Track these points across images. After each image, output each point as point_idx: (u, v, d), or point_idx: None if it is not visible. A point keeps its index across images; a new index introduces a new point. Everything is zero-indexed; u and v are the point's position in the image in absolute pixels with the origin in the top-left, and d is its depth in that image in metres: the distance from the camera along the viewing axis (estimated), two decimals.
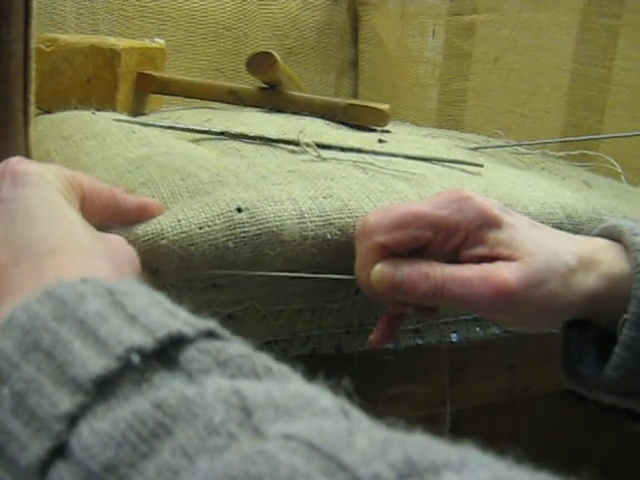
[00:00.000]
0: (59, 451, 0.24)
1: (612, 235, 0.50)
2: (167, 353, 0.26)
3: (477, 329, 0.60)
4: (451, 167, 0.65)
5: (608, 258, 0.48)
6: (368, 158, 0.60)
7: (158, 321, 0.27)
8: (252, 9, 1.20)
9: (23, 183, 0.39)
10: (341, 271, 0.51)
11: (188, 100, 0.89)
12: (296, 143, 0.62)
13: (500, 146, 0.84)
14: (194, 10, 1.15)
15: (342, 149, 0.62)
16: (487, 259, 0.46)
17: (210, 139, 0.65)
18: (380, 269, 0.46)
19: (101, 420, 0.24)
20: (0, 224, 0.36)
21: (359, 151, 0.62)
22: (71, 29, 1.09)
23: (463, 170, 0.65)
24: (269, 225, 0.47)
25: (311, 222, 0.49)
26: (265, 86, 0.84)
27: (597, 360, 0.50)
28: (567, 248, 0.47)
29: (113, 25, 1.11)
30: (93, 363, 0.25)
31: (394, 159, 0.62)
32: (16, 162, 0.40)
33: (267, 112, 0.82)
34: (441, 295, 0.46)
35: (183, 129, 0.65)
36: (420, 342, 0.57)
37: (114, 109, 0.78)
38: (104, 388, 0.25)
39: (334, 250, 0.50)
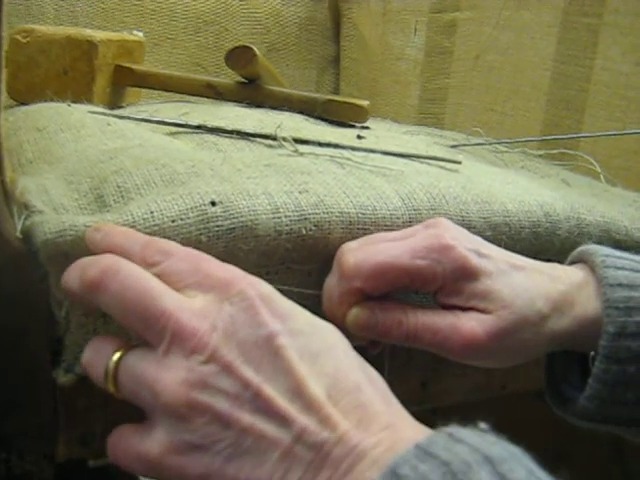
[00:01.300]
0: None
1: (587, 262, 0.52)
2: None
3: None
4: (429, 164, 0.64)
5: (581, 298, 0.50)
6: (346, 153, 0.60)
7: None
8: (233, 4, 1.19)
9: (281, 310, 0.38)
10: (315, 266, 0.51)
11: (166, 94, 0.88)
12: (273, 138, 0.61)
13: (479, 144, 0.83)
14: (174, 3, 1.15)
15: (320, 144, 0.61)
16: (462, 309, 0.48)
17: (187, 133, 0.64)
18: (355, 314, 0.48)
19: None
20: (294, 357, 0.36)
21: (337, 146, 0.61)
22: (50, 21, 1.08)
23: (441, 167, 0.64)
24: (243, 219, 0.46)
25: (286, 217, 0.48)
26: (244, 80, 0.84)
27: (581, 380, 0.52)
28: (542, 292, 0.49)
29: (92, 18, 1.10)
30: None
31: (372, 155, 0.61)
32: (256, 284, 0.39)
33: (246, 107, 0.81)
34: (413, 341, 0.48)
35: (159, 122, 0.64)
36: None
37: (91, 102, 0.77)
38: None
39: (309, 245, 0.49)
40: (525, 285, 0.49)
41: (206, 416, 0.36)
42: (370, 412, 0.36)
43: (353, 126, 0.81)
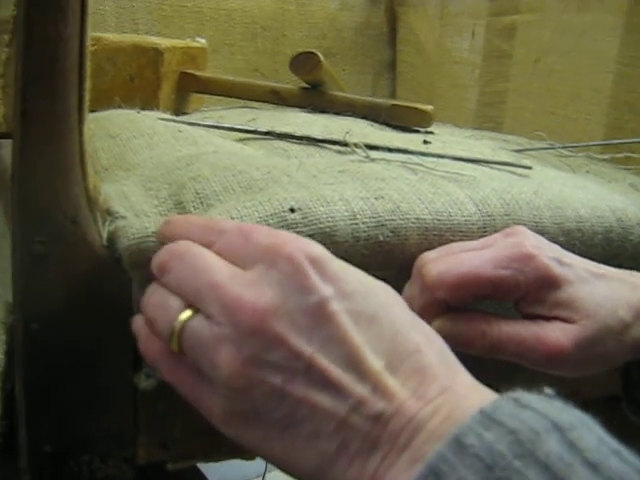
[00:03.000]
0: None
1: None
2: None
3: None
4: (499, 169, 0.64)
5: None
6: (416, 159, 0.60)
7: (626, 476, 0.27)
8: (291, 9, 1.20)
9: (332, 273, 0.37)
10: (390, 273, 0.50)
11: (227, 100, 0.89)
12: (343, 143, 0.61)
13: (545, 148, 0.83)
14: (232, 10, 1.15)
15: (389, 150, 0.61)
16: (545, 318, 0.48)
17: (256, 139, 0.65)
18: (438, 325, 0.47)
19: None
20: (347, 324, 0.35)
21: (406, 152, 0.61)
22: (111, 28, 1.10)
23: (512, 172, 0.64)
24: (322, 226, 0.47)
25: (363, 223, 0.48)
26: (307, 86, 0.84)
27: None
28: (624, 299, 0.48)
29: (152, 25, 1.11)
30: None
31: (442, 160, 0.61)
32: (299, 245, 0.37)
33: (310, 112, 0.81)
34: (497, 352, 0.48)
35: (229, 129, 0.65)
36: None
37: (157, 108, 0.78)
38: None
39: (385, 252, 0.49)
40: (607, 293, 0.48)
41: (261, 389, 0.35)
42: (429, 375, 0.35)
43: (417, 131, 0.81)
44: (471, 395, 0.34)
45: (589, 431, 0.30)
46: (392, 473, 0.33)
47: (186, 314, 0.38)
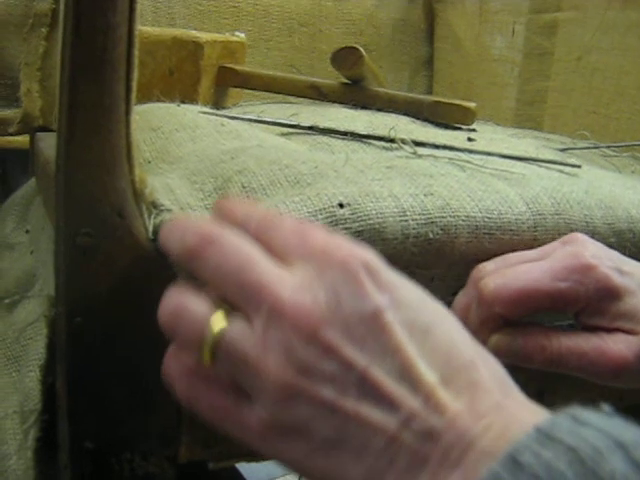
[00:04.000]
0: None
1: None
2: None
3: None
4: (548, 167, 0.62)
5: None
6: (464, 156, 0.58)
7: None
8: (328, 5, 1.19)
9: (386, 282, 0.35)
10: (438, 272, 0.49)
11: (266, 95, 0.88)
12: (388, 139, 0.60)
13: (590, 147, 0.81)
14: (270, 5, 1.14)
15: (436, 146, 0.60)
16: (606, 330, 0.46)
17: (298, 134, 0.64)
18: (496, 340, 0.47)
19: None
20: (403, 335, 0.34)
21: (453, 149, 0.60)
22: (148, 22, 1.09)
23: (560, 171, 0.62)
24: (371, 222, 0.45)
25: (413, 220, 0.47)
26: (348, 82, 0.83)
27: None
28: None
29: (189, 19, 1.11)
30: None
31: (490, 158, 0.60)
32: (352, 251, 0.36)
33: (351, 108, 0.80)
34: (557, 366, 0.46)
35: (272, 123, 0.64)
36: None
37: (196, 102, 0.77)
38: None
39: (435, 250, 0.48)
40: None
41: (310, 401, 0.33)
42: (482, 390, 0.33)
43: (459, 128, 0.79)
44: (525, 412, 0.33)
45: None
46: None
47: (221, 320, 0.36)
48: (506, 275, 0.46)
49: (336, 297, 0.34)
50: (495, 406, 0.33)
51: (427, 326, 0.35)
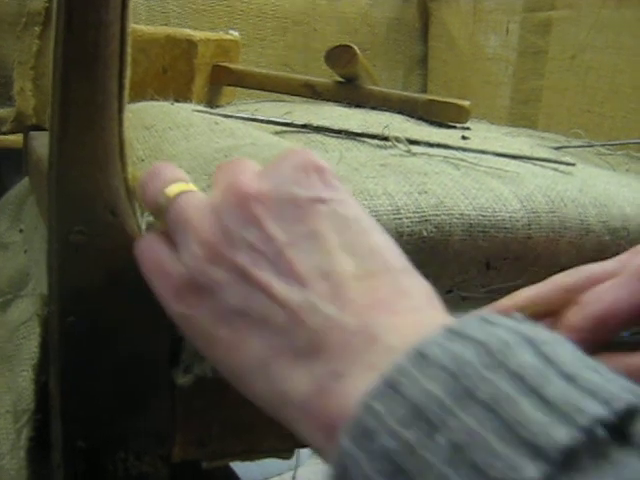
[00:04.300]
0: None
1: None
2: (619, 426, 0.25)
3: None
4: (542, 165, 0.62)
5: None
6: (458, 154, 0.58)
7: (605, 387, 0.26)
8: (322, 4, 1.19)
9: (333, 183, 0.37)
10: (432, 269, 0.49)
11: (260, 93, 0.88)
12: (382, 137, 0.60)
13: (584, 146, 0.81)
14: (264, 4, 1.14)
15: (430, 145, 0.60)
16: None
17: (292, 132, 0.64)
18: None
19: None
20: (330, 227, 0.35)
21: (447, 147, 0.60)
22: (141, 22, 1.09)
23: (554, 169, 0.62)
24: None
25: (407, 218, 0.47)
26: (342, 80, 0.83)
27: None
28: None
29: (183, 18, 1.11)
30: (556, 431, 0.24)
31: (484, 156, 0.59)
32: (312, 157, 0.37)
33: (345, 106, 0.80)
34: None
35: (265, 121, 0.64)
36: None
37: (190, 100, 0.77)
38: (567, 460, 0.24)
39: (429, 247, 0.48)
40: None
41: (224, 263, 0.35)
42: (399, 294, 0.33)
43: (453, 127, 0.79)
44: (443, 320, 0.32)
45: (563, 347, 0.28)
46: (341, 384, 0.30)
47: (180, 188, 0.39)
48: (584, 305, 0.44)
49: (280, 181, 0.36)
50: (411, 309, 0.32)
51: (358, 228, 0.35)
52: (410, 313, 0.32)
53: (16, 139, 0.86)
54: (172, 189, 0.39)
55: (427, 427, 0.25)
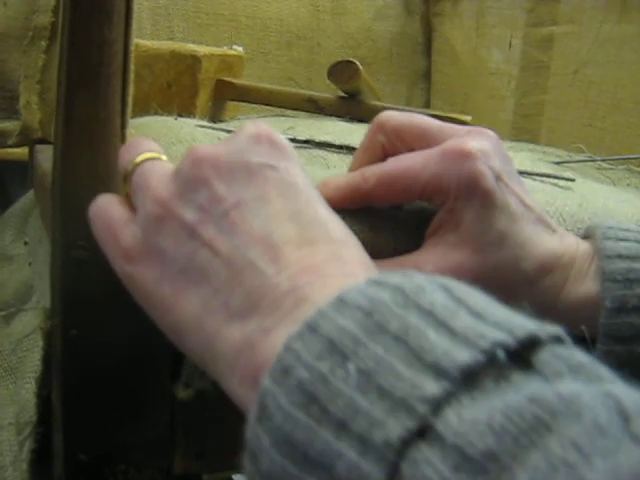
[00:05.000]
0: (420, 433, 0.24)
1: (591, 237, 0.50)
2: (521, 353, 0.26)
3: None
4: (542, 181, 0.62)
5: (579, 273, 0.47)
6: None
7: (510, 320, 0.27)
8: (326, 18, 1.19)
9: (286, 154, 0.38)
10: None
11: (263, 108, 0.88)
12: None
13: (585, 160, 0.81)
14: (268, 18, 1.15)
15: None
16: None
17: (294, 147, 0.64)
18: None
19: (468, 409, 0.24)
20: (277, 193, 0.36)
21: None
22: (147, 36, 1.10)
23: (554, 184, 0.62)
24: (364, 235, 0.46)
25: None
26: (345, 95, 0.83)
27: None
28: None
29: (187, 33, 1.12)
30: (457, 353, 0.25)
31: None
32: (267, 128, 0.39)
33: (348, 121, 0.80)
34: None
35: None
36: None
37: (193, 115, 0.78)
38: (468, 379, 0.25)
39: None
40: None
41: (175, 222, 0.36)
42: (336, 259, 0.34)
43: None
44: None
45: (477, 293, 0.29)
46: (268, 338, 0.31)
47: (147, 156, 0.41)
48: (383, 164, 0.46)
49: (233, 148, 0.37)
50: (344, 274, 0.33)
51: (304, 197, 0.36)
52: (342, 277, 0.33)
53: (22, 152, 0.86)
54: (140, 157, 0.41)
55: (339, 358, 0.27)
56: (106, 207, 0.40)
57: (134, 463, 0.46)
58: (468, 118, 0.80)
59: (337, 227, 0.36)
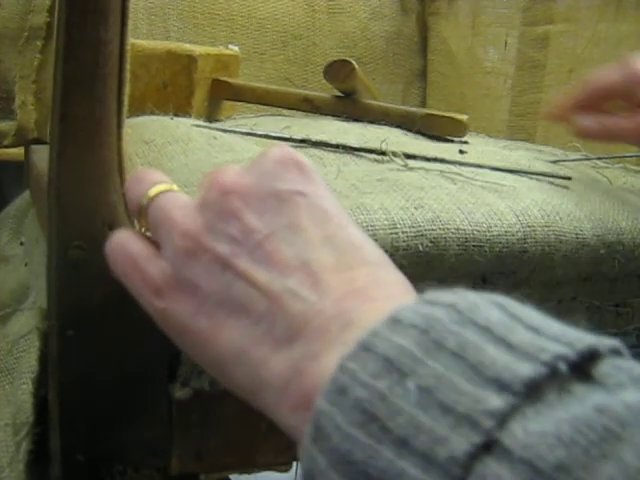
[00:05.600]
0: (485, 447, 0.24)
1: None
2: (582, 366, 0.26)
3: None
4: (538, 179, 0.62)
5: None
6: (454, 168, 0.59)
7: (567, 334, 0.27)
8: (321, 18, 1.19)
9: (313, 178, 0.37)
10: (427, 284, 0.50)
11: (259, 108, 0.88)
12: (380, 152, 0.60)
13: (581, 159, 0.81)
14: (264, 18, 1.15)
15: (427, 159, 0.60)
16: None
17: (291, 146, 0.64)
18: None
19: (533, 422, 0.24)
20: (309, 219, 0.35)
21: (444, 161, 0.60)
22: (143, 36, 1.10)
23: (551, 183, 0.62)
24: None
25: (403, 233, 0.47)
26: (341, 94, 0.83)
27: None
28: None
29: (183, 33, 1.11)
30: (519, 367, 0.25)
31: (481, 170, 0.60)
32: (293, 152, 0.38)
33: (344, 121, 0.80)
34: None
35: (264, 136, 0.64)
36: None
37: (189, 115, 0.77)
38: (531, 392, 0.25)
39: (425, 262, 0.48)
40: None
41: (205, 256, 0.35)
42: (379, 283, 0.34)
43: (451, 141, 0.80)
44: None
45: (530, 310, 0.29)
46: (317, 363, 0.31)
47: (161, 188, 0.40)
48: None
49: (260, 176, 0.37)
50: (388, 297, 0.33)
51: (337, 222, 0.36)
52: (387, 300, 0.33)
53: (17, 152, 0.86)
54: (154, 190, 0.40)
55: (398, 376, 0.26)
56: (125, 243, 0.39)
57: (132, 463, 0.46)
58: (464, 117, 0.80)
59: (372, 250, 0.36)
